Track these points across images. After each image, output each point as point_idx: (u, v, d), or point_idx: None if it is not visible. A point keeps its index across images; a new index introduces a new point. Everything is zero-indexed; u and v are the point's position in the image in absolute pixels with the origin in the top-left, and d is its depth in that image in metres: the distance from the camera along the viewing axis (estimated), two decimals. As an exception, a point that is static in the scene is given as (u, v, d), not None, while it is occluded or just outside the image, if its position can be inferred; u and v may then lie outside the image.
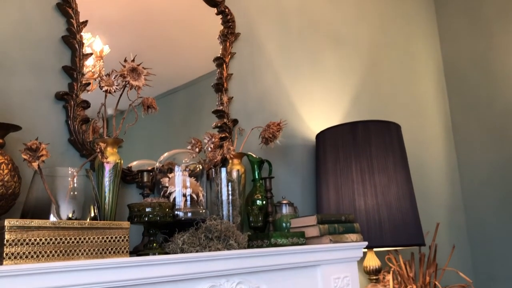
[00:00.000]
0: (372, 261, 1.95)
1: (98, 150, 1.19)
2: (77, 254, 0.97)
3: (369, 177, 1.89)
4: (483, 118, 3.10)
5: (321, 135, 2.06)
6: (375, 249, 2.02)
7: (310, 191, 2.11)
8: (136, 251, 1.28)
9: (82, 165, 1.18)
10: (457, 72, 3.26)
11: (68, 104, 1.37)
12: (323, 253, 1.48)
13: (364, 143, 1.92)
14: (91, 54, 1.46)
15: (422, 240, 1.90)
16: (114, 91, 1.27)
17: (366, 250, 1.98)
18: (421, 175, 2.77)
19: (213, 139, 1.61)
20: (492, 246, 2.98)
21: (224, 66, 1.83)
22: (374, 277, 1.95)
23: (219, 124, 1.76)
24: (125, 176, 1.46)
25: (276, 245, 1.42)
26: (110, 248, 1.03)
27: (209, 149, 1.60)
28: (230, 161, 1.66)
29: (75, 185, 1.15)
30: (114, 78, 1.27)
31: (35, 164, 1.07)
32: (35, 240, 0.92)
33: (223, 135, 1.74)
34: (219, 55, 1.84)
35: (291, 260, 1.39)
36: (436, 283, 2.11)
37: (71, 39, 1.42)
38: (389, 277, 2.11)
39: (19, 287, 0.87)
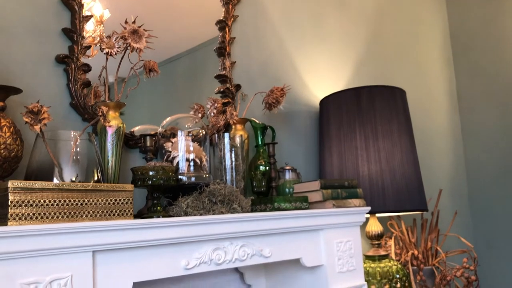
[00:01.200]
0: (375, 227, 1.96)
1: (100, 113, 1.18)
2: (81, 216, 0.97)
3: (373, 143, 1.88)
4: (489, 86, 3.06)
5: (324, 101, 2.04)
6: (377, 215, 2.03)
7: (313, 158, 2.11)
8: (140, 215, 1.29)
9: (84, 128, 1.17)
10: (463, 38, 3.20)
11: (68, 67, 1.35)
12: (326, 217, 1.49)
13: (369, 108, 1.90)
14: (91, 16, 1.42)
15: (425, 205, 1.91)
16: (115, 54, 1.25)
17: (368, 215, 1.99)
18: (425, 142, 2.76)
19: (215, 104, 1.60)
20: (492, 213, 3.00)
21: (227, 29, 1.79)
22: (376, 242, 1.96)
23: (221, 89, 1.74)
24: (128, 141, 1.45)
25: (279, 209, 1.42)
26: (114, 211, 1.03)
27: (212, 114, 1.59)
28: (233, 126, 1.65)
29: (78, 149, 1.15)
30: (115, 40, 1.25)
31: (37, 127, 1.06)
32: (39, 201, 0.92)
33: (226, 101, 1.72)
34: (221, 18, 1.80)
35: (294, 224, 1.40)
36: (438, 248, 2.12)
37: (71, 0, 1.38)
38: (391, 242, 2.13)
39: (25, 248, 0.88)
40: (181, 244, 1.15)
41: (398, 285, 1.86)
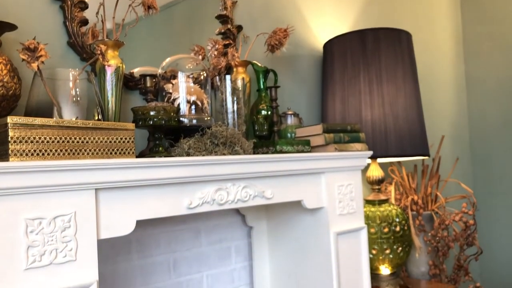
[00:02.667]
0: (376, 172, 1.97)
1: (99, 52, 1.15)
2: (83, 154, 0.97)
3: (377, 87, 1.85)
4: (496, 33, 2.99)
5: (328, 44, 2.00)
6: (378, 160, 2.04)
7: (316, 102, 2.09)
8: (142, 156, 1.28)
9: (83, 67, 1.14)
10: (472, -18, 3.10)
11: (65, 4, 1.30)
12: (328, 161, 1.49)
13: (374, 52, 1.86)
14: (86, -50, 1.36)
15: (427, 151, 1.90)
16: (113, -11, 1.20)
17: (370, 161, 1.99)
18: (429, 87, 2.73)
19: (216, 46, 1.56)
20: (493, 160, 3.01)
21: (228, -33, 1.72)
22: (377, 187, 1.98)
23: (222, 30, 1.69)
24: (128, 82, 1.42)
25: (281, 152, 1.42)
26: (116, 149, 1.02)
27: (213, 56, 1.55)
28: (235, 69, 1.61)
29: (77, 88, 1.12)
30: (112, -26, 1.20)
31: (34, 65, 1.03)
32: (40, 138, 0.90)
33: (227, 42, 1.68)
34: (222, -45, 1.72)
35: (296, 166, 1.40)
36: (438, 193, 2.14)
37: None
38: (391, 187, 2.15)
39: (28, 184, 0.88)
40: (184, 184, 1.15)
41: (397, 228, 1.89)
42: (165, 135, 1.32)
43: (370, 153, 1.60)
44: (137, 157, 1.20)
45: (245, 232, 1.73)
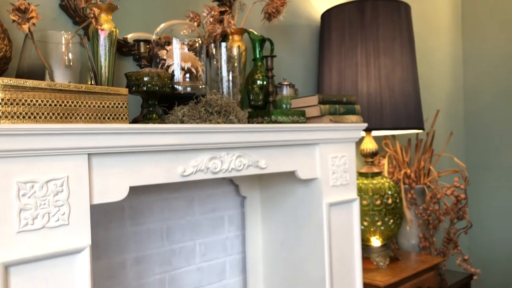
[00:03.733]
0: (370, 145, 1.97)
1: (92, 15, 1.12)
2: (75, 118, 0.95)
3: (374, 59, 1.83)
4: (495, 10, 2.96)
5: (326, 14, 1.96)
6: (373, 134, 2.04)
7: (312, 74, 2.07)
8: (135, 122, 1.27)
9: (76, 30, 1.12)
10: (474, -46, 3.04)
11: (56, -35, 1.27)
12: (322, 132, 1.48)
13: (372, 23, 1.83)
14: None
15: (422, 124, 1.90)
16: (106, -50, 1.16)
17: (364, 134, 1.99)
18: (426, 61, 2.71)
19: (212, 12, 1.53)
20: (486, 136, 3.03)
21: None
22: (370, 160, 1.98)
23: (219, -3, 1.66)
24: (121, 48, 1.40)
25: (276, 122, 1.41)
26: (109, 114, 1.01)
27: (208, 22, 1.52)
28: (230, 37, 1.59)
29: (70, 53, 1.10)
30: None
31: (25, 27, 1.00)
32: (31, 101, 0.89)
33: (223, 9, 1.64)
34: None
35: (290, 137, 1.39)
36: (431, 167, 2.16)
37: None
38: (384, 161, 2.15)
39: (20, 147, 0.87)
40: (177, 152, 1.14)
41: (390, 201, 1.91)
42: (159, 102, 1.31)
43: (365, 125, 1.59)
44: (130, 123, 1.18)
45: (239, 202, 1.73)
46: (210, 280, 1.63)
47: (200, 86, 1.35)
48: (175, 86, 1.30)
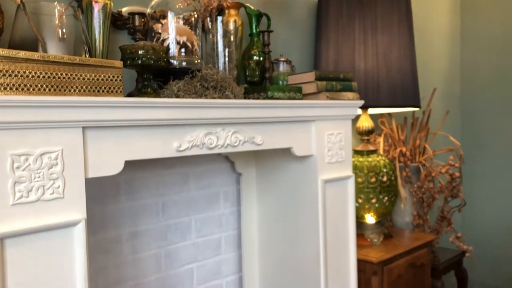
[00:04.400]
0: (366, 122, 1.97)
1: (85, -14, 1.10)
2: (69, 91, 0.94)
3: (371, 36, 1.82)
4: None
5: (324, -10, 1.94)
6: (369, 112, 2.03)
7: (309, 50, 2.05)
8: (130, 96, 1.26)
9: (69, 2, 1.10)
10: None
11: None
12: (319, 109, 1.48)
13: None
14: None
15: (418, 102, 1.90)
16: None
17: (360, 111, 1.98)
18: (423, 39, 2.70)
19: (209, -14, 1.50)
20: (482, 115, 3.03)
21: None
22: (366, 138, 1.98)
23: (215, -29, 1.62)
24: (116, 21, 1.38)
25: (272, 98, 1.40)
26: (103, 87, 0.99)
27: (205, -4, 1.50)
28: (227, 11, 1.56)
29: (63, 25, 1.08)
30: None
31: (17, -3, 0.99)
32: (24, 72, 0.88)
33: (220, -17, 1.61)
34: None
35: (287, 113, 1.38)
36: (426, 145, 2.16)
37: None
38: (380, 139, 2.16)
39: (13, 119, 0.86)
40: (173, 126, 1.14)
41: (384, 178, 1.92)
42: (154, 77, 1.29)
43: (362, 102, 1.59)
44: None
45: (234, 178, 1.74)
46: (206, 255, 1.64)
47: (196, 61, 1.34)
48: (170, 60, 1.28)
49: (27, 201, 0.89)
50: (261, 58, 1.62)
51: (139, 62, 1.13)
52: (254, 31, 1.65)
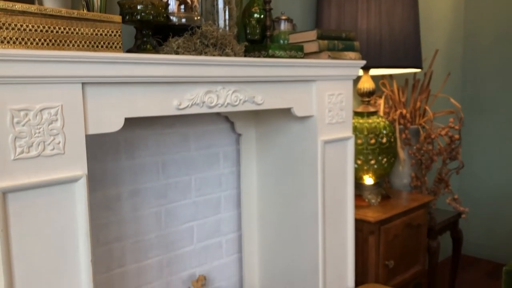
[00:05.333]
0: (367, 84, 1.95)
1: None
2: (68, 45, 0.93)
3: (374, -6, 1.78)
4: None
5: None
6: (371, 73, 2.01)
7: (310, 8, 2.01)
8: (129, 53, 1.24)
9: (64, -46, 1.06)
10: None
11: None
12: (320, 68, 1.46)
13: (374, -45, 1.76)
14: None
15: (420, 63, 1.88)
16: None
17: (362, 72, 1.96)
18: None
19: None
20: (483, 78, 3.01)
21: None
22: (367, 99, 1.97)
23: None
24: (114, -25, 1.34)
25: (273, 56, 1.38)
26: (102, 43, 0.98)
27: (205, -50, 1.45)
28: (227, -33, 1.52)
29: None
30: None
31: None
32: (21, 26, 0.86)
33: None
34: None
35: (288, 72, 1.37)
36: (426, 107, 2.15)
37: None
38: (381, 101, 2.15)
39: (13, 73, 0.85)
40: (173, 84, 1.12)
41: (384, 140, 1.92)
42: (153, 34, 1.27)
43: (364, 62, 1.57)
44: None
45: (234, 139, 1.74)
46: (205, 214, 1.66)
47: (195, 18, 1.31)
48: (170, 16, 1.26)
49: (28, 156, 0.89)
50: (262, 16, 1.58)
51: (138, 17, 1.11)
52: (255, -13, 1.61)
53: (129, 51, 1.25)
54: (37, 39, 0.88)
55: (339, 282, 1.62)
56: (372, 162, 1.93)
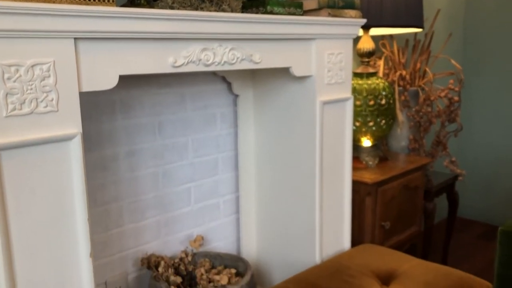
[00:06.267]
0: (367, 44, 1.91)
1: None
2: (58, -2, 0.89)
3: (376, -50, 1.71)
4: None
5: None
6: (371, 33, 1.97)
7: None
8: (123, 10, 1.20)
9: None
10: None
11: None
12: (320, 26, 1.42)
13: None
14: None
15: (421, 22, 1.84)
16: None
17: (362, 33, 1.92)
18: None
19: None
20: (485, 40, 2.96)
21: None
22: (366, 60, 1.94)
23: None
24: None
25: (272, 13, 1.34)
26: (94, -4, 0.94)
27: None
28: None
29: None
30: None
31: None
32: (8, -24, 0.82)
33: None
34: None
35: (286, 30, 1.33)
36: (427, 69, 2.12)
37: None
38: (380, 62, 2.11)
39: (2, 27, 0.81)
40: (168, 41, 1.09)
41: (383, 101, 1.90)
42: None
43: (364, 21, 1.53)
44: (118, 10, 1.12)
45: (231, 100, 1.71)
46: (203, 175, 1.66)
47: (191, -28, 1.26)
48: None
49: (20, 113, 0.87)
50: (260, -28, 1.53)
51: (131, -31, 1.07)
52: None
53: (123, 6, 1.20)
54: (25, -9, 0.84)
55: (336, 242, 1.64)
56: (371, 124, 1.92)
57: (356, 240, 1.80)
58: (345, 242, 1.67)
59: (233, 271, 1.45)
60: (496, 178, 3.04)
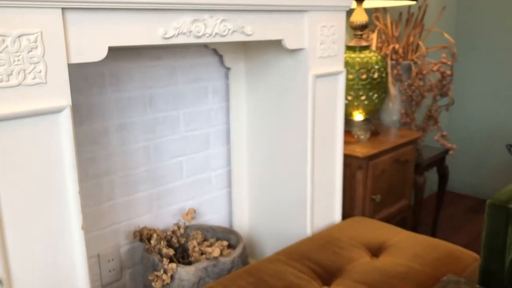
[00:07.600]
0: (360, 17, 1.89)
1: None
2: (44, -34, 0.86)
3: None
4: None
5: None
6: (365, 5, 1.95)
7: None
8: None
9: None
10: None
11: None
12: (313, -3, 1.40)
13: None
14: None
15: (415, -5, 1.82)
16: None
17: (355, 5, 1.90)
18: None
19: None
20: (479, 14, 2.94)
21: None
22: (359, 33, 1.92)
23: None
24: None
25: (264, -16, 1.32)
26: (81, -36, 0.91)
27: None
28: None
29: None
30: None
31: None
32: None
33: None
34: None
35: (279, 1, 1.31)
36: (420, 42, 2.11)
37: None
38: (374, 35, 2.09)
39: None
40: (158, 11, 1.07)
41: (376, 75, 1.89)
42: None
43: (357, -8, 1.51)
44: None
45: (223, 73, 1.70)
46: (194, 149, 1.66)
47: None
48: None
49: (8, 85, 0.86)
50: None
51: None
52: None
53: (111, -24, 1.18)
54: (9, -42, 0.82)
55: (327, 215, 1.65)
56: (363, 98, 1.91)
57: (347, 213, 1.82)
58: (336, 215, 1.69)
59: (225, 243, 1.47)
60: (486, 153, 3.07)
